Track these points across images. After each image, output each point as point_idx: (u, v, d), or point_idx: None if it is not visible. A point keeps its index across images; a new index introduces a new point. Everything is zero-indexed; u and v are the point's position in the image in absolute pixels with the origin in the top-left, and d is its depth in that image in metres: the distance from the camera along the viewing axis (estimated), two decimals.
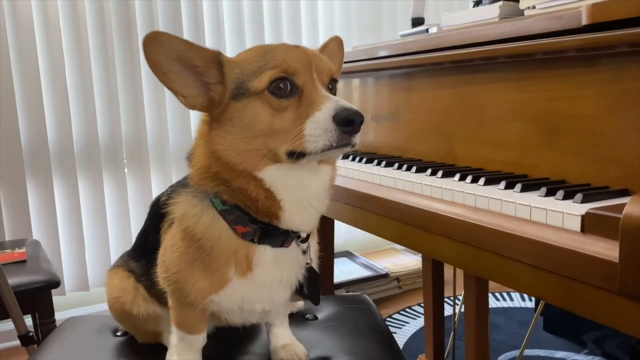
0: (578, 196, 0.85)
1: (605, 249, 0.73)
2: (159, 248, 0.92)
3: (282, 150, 0.77)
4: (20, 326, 1.59)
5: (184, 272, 0.86)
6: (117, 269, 1.09)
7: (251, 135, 0.78)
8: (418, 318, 2.75)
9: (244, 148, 0.79)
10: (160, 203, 0.94)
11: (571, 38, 0.95)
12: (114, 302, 1.06)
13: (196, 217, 0.85)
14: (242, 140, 0.79)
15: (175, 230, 0.88)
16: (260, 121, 0.78)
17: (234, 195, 0.82)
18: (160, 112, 2.75)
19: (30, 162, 2.50)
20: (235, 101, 0.79)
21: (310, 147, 0.75)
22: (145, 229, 1.03)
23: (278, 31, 3.03)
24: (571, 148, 1.01)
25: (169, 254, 0.88)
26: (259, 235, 0.84)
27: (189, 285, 0.86)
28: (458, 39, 1.25)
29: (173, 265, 0.87)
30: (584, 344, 2.35)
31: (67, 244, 2.63)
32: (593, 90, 0.97)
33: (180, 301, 0.90)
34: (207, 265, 0.84)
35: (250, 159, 0.79)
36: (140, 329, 1.07)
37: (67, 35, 2.52)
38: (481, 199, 0.96)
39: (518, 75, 1.12)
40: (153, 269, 0.95)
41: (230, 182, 0.81)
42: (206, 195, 0.86)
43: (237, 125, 0.79)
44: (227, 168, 0.81)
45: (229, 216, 0.83)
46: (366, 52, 1.63)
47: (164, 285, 0.91)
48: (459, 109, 1.27)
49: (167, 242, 0.89)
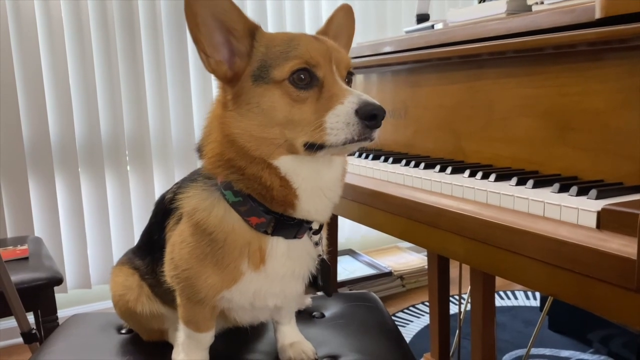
0: (593, 192, 0.83)
1: (622, 245, 0.71)
2: (165, 246, 0.91)
3: (299, 141, 0.76)
4: (23, 324, 1.58)
5: (194, 269, 0.84)
6: (122, 266, 1.08)
7: (268, 123, 0.77)
8: (422, 316, 2.74)
9: (260, 135, 0.78)
10: (166, 200, 0.93)
11: (585, 32, 0.94)
12: (118, 300, 1.04)
13: (207, 211, 0.83)
14: (258, 127, 0.78)
15: (184, 226, 0.86)
16: (279, 110, 0.77)
17: (247, 184, 0.80)
18: (163, 108, 2.74)
19: (32, 159, 2.49)
20: (254, 85, 0.78)
21: (330, 140, 0.74)
22: (150, 226, 1.02)
23: (282, 30, 3.01)
24: (583, 144, 0.99)
25: (178, 250, 0.86)
26: (273, 226, 0.82)
27: (200, 282, 0.85)
28: (467, 33, 1.23)
29: (183, 262, 0.86)
30: (589, 343, 2.34)
31: (69, 241, 2.62)
32: (606, 84, 0.95)
33: (190, 299, 0.88)
34: (219, 259, 0.83)
35: (266, 147, 0.78)
36: (145, 327, 1.06)
37: (70, 31, 2.50)
38: (493, 195, 0.95)
39: (529, 70, 1.10)
40: (158, 267, 0.94)
41: (244, 169, 0.80)
42: (216, 188, 0.84)
43: (254, 111, 0.78)
44: (241, 154, 0.79)
45: (242, 208, 0.82)
46: (371, 48, 1.62)
47: (173, 283, 0.89)
48: (467, 104, 1.25)
49: (175, 238, 0.88)
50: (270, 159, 0.79)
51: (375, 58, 1.55)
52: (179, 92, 2.78)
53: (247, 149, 0.78)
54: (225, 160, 0.80)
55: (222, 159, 0.81)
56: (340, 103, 0.74)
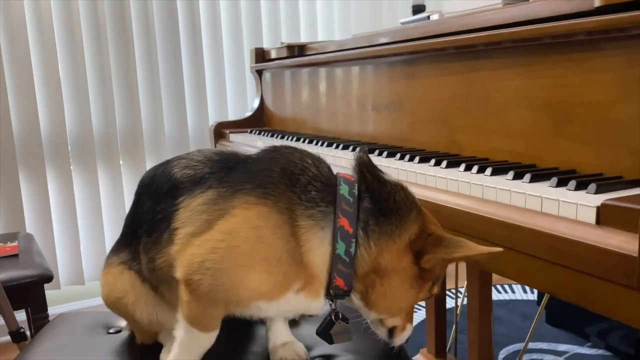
0: (592, 186, 0.81)
1: (623, 242, 0.69)
2: (172, 221, 0.83)
3: (387, 324, 0.87)
4: (11, 322, 1.55)
5: (251, 267, 0.75)
6: (109, 268, 1.01)
7: (387, 306, 0.85)
8: (418, 311, 2.72)
9: (370, 296, 0.83)
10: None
11: (584, 20, 0.91)
12: (114, 301, 0.97)
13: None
14: (380, 296, 0.83)
15: (261, 211, 0.77)
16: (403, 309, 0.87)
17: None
18: (156, 102, 2.70)
19: (23, 154, 2.45)
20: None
21: (396, 342, 0.88)
22: (156, 202, 0.90)
23: (276, 24, 2.97)
24: (582, 136, 0.96)
25: (239, 240, 0.76)
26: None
27: (247, 282, 0.76)
28: (463, 24, 1.20)
29: (239, 255, 0.76)
30: (587, 337, 2.32)
31: (62, 237, 2.59)
32: (605, 75, 0.93)
33: (213, 298, 0.78)
34: (289, 261, 0.76)
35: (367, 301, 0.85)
36: (141, 330, 1.02)
37: (60, 24, 2.46)
38: (489, 190, 0.92)
39: (526, 60, 1.07)
40: (153, 249, 0.86)
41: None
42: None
43: (395, 292, 0.83)
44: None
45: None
46: (367, 39, 1.58)
47: (200, 275, 0.77)
48: (463, 96, 1.22)
49: (236, 225, 0.77)
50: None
51: (371, 49, 1.52)
52: (172, 86, 2.74)
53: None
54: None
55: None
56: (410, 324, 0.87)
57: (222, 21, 2.85)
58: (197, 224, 0.80)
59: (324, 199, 0.79)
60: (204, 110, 2.85)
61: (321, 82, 1.85)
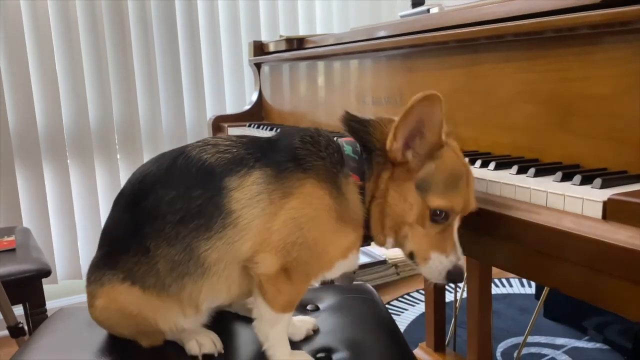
0: (597, 181, 0.80)
1: (630, 237, 0.68)
2: (222, 205, 0.84)
3: (406, 249, 0.89)
4: (9, 317, 1.54)
5: (331, 230, 0.86)
6: (102, 287, 0.96)
7: (395, 223, 0.88)
8: (417, 305, 2.72)
9: (384, 221, 0.89)
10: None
11: (588, 14, 0.90)
12: (128, 321, 0.95)
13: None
14: (388, 216, 0.88)
15: (314, 183, 0.85)
16: (408, 224, 0.87)
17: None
18: (153, 95, 2.69)
19: (19, 148, 2.43)
20: (414, 188, 0.86)
21: (423, 271, 0.87)
22: (182, 193, 0.89)
23: (274, 17, 2.96)
24: (586, 131, 0.96)
25: (314, 211, 0.85)
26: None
27: (333, 244, 0.87)
28: (464, 17, 1.19)
29: (320, 223, 0.85)
30: (584, 331, 2.33)
31: (59, 231, 2.58)
32: (609, 69, 0.92)
33: (306, 274, 0.88)
34: (348, 216, 0.87)
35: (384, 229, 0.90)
36: (153, 337, 0.99)
37: (56, 17, 2.44)
38: (492, 185, 0.91)
39: (529, 54, 1.06)
40: (195, 236, 0.85)
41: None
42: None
43: (395, 205, 0.87)
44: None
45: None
46: (365, 32, 1.57)
47: (295, 253, 0.84)
48: (465, 90, 1.22)
49: (303, 199, 0.84)
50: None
51: (370, 43, 1.51)
52: (170, 79, 2.73)
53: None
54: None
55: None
56: (446, 255, 0.85)
57: (220, 14, 2.83)
58: (263, 205, 0.84)
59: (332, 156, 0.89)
60: (202, 104, 2.83)
61: (320, 76, 1.84)
